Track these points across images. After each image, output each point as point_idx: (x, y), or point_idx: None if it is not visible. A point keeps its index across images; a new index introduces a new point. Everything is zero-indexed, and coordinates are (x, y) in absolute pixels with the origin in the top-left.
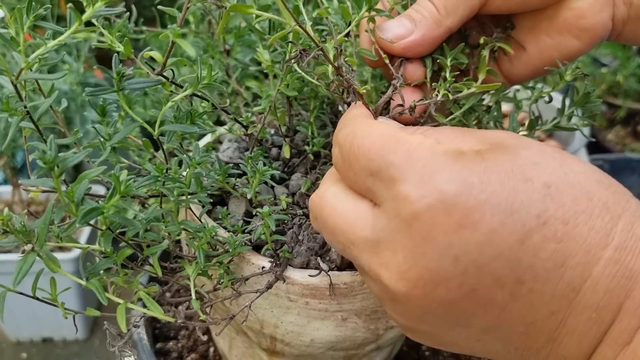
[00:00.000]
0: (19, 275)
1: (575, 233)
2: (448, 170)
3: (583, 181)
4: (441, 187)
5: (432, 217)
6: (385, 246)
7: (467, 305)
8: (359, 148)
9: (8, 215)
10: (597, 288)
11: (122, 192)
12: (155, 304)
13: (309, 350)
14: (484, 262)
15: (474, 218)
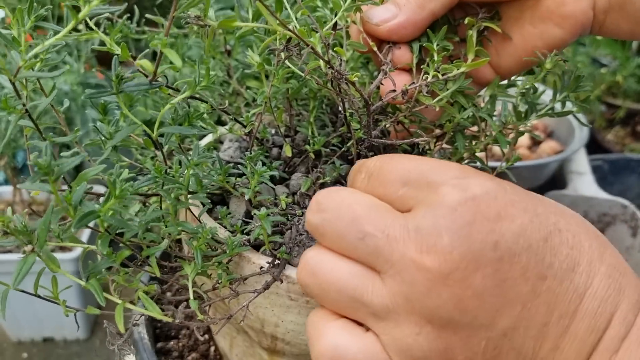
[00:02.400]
0: (19, 275)
1: (580, 245)
2: (483, 175)
3: (577, 217)
4: (482, 183)
5: (477, 205)
6: (428, 232)
7: (495, 298)
8: (393, 167)
9: (8, 217)
10: (596, 296)
11: (117, 196)
12: (153, 304)
13: (309, 349)
14: (517, 251)
15: (511, 212)
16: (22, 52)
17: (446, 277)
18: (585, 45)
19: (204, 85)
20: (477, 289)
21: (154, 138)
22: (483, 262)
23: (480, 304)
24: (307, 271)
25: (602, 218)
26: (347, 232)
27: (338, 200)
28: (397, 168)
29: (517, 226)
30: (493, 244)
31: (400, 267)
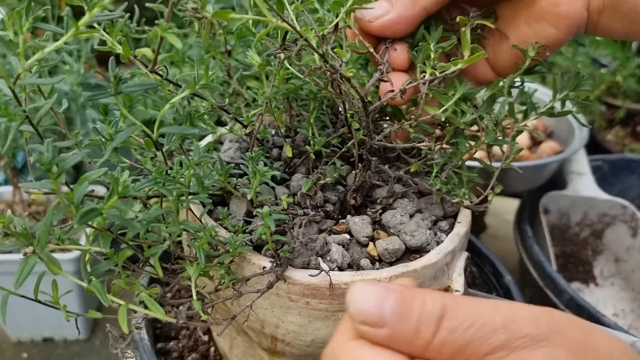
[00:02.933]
0: (20, 277)
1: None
2: None
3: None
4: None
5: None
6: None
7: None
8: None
9: (9, 218)
10: None
11: (120, 193)
12: (156, 304)
13: (309, 350)
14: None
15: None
16: (21, 58)
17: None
18: (585, 46)
19: (204, 83)
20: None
21: (154, 138)
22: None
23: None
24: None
25: (602, 218)
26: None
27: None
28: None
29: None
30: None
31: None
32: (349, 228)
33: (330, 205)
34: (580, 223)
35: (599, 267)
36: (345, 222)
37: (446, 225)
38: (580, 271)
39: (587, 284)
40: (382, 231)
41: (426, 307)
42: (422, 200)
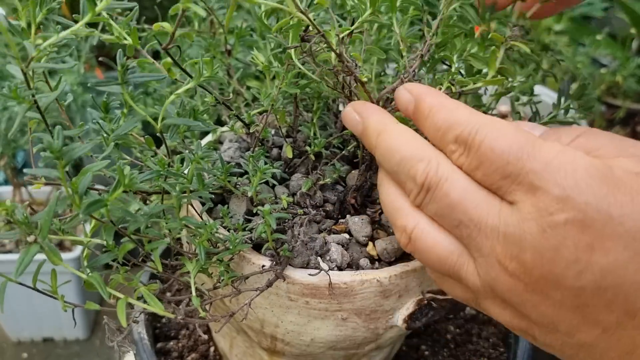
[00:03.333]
0: (21, 266)
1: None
2: (592, 191)
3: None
4: (582, 207)
5: (567, 230)
6: (514, 242)
7: (574, 317)
8: (492, 150)
9: (12, 205)
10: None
11: (126, 185)
12: (155, 299)
13: (309, 349)
14: (603, 285)
15: (606, 245)
16: (34, 42)
17: (526, 286)
18: (585, 46)
19: (208, 75)
20: (556, 303)
21: (157, 130)
22: (563, 285)
23: (559, 315)
24: (405, 239)
25: None
26: (444, 215)
27: (437, 180)
28: (497, 152)
29: (608, 262)
30: (576, 273)
31: (489, 262)
32: (348, 228)
33: (329, 205)
34: None
35: None
36: (344, 221)
37: None
38: None
39: None
40: (382, 231)
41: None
42: None
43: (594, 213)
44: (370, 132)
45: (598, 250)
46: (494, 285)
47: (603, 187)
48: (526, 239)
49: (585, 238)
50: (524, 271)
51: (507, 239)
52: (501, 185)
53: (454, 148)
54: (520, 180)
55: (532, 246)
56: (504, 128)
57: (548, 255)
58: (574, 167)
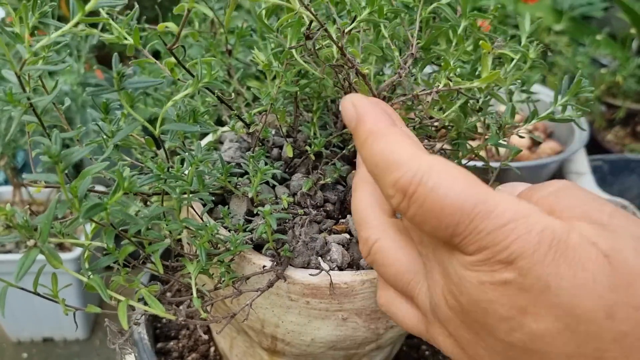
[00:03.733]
0: (21, 270)
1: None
2: (537, 257)
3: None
4: (524, 272)
5: (505, 289)
6: (454, 282)
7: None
8: (441, 209)
9: (11, 210)
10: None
11: (125, 188)
12: (156, 301)
13: (309, 349)
14: (531, 348)
15: (539, 312)
16: (27, 46)
17: (462, 323)
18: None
19: (207, 81)
20: (489, 347)
21: (156, 135)
22: (494, 335)
23: (491, 358)
24: (366, 250)
25: None
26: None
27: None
28: (450, 208)
29: (538, 328)
30: (508, 329)
31: (435, 288)
32: (349, 227)
33: (330, 205)
34: None
35: None
36: (345, 221)
37: None
38: None
39: None
40: None
41: None
42: None
43: (534, 280)
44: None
45: (530, 315)
46: (437, 312)
47: (549, 255)
48: (465, 285)
49: (521, 300)
50: (461, 310)
51: (448, 276)
52: (448, 240)
53: (392, 193)
54: (470, 239)
55: (469, 293)
56: (452, 179)
57: (482, 306)
58: (527, 229)
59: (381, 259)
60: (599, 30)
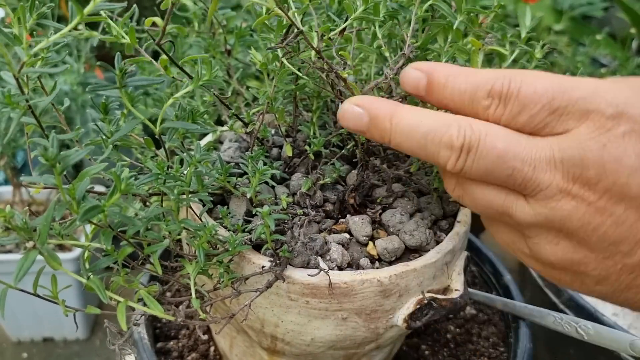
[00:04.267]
0: (20, 272)
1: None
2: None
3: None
4: (637, 119)
5: (626, 142)
6: (574, 164)
7: (637, 230)
8: (535, 91)
9: (10, 212)
10: None
11: (122, 190)
12: (155, 302)
13: (309, 349)
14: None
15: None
16: (26, 49)
17: (588, 206)
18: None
19: (207, 79)
20: (619, 219)
21: (156, 134)
22: (628, 195)
23: (620, 233)
24: (456, 193)
25: None
26: (494, 168)
27: (477, 137)
28: (539, 92)
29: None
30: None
31: (548, 193)
32: (348, 227)
33: (329, 204)
34: None
35: None
36: (345, 221)
37: (446, 225)
38: None
39: None
40: (382, 230)
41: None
42: (421, 199)
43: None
44: (381, 118)
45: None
46: (552, 216)
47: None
48: (587, 157)
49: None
50: (588, 188)
51: (566, 163)
52: (549, 121)
53: (488, 103)
54: (569, 109)
55: (594, 162)
56: (535, 73)
57: (611, 167)
58: (619, 87)
59: (470, 200)
60: (599, 30)
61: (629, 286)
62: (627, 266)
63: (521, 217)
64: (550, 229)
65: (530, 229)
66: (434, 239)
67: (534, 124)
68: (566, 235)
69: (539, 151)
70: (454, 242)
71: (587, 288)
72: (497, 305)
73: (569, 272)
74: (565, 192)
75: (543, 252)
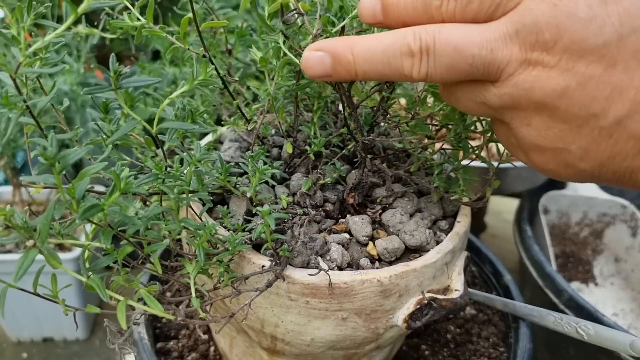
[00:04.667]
0: (20, 270)
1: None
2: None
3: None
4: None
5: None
6: (528, 31)
7: (603, 85)
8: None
9: (10, 210)
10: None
11: (122, 189)
12: (155, 301)
13: (309, 349)
14: (624, 33)
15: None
16: (22, 49)
17: (550, 69)
18: None
19: (202, 79)
20: (583, 77)
21: (153, 134)
22: (587, 49)
23: (588, 93)
24: (451, 101)
25: (601, 218)
26: (454, 63)
27: (431, 37)
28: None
29: (623, 8)
30: (596, 29)
31: (508, 70)
32: (348, 227)
33: (329, 204)
34: (579, 223)
35: (598, 267)
36: (345, 221)
37: (446, 225)
38: (580, 271)
39: (586, 283)
40: (382, 230)
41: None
42: (421, 199)
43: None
44: (342, 52)
45: (610, 2)
46: (516, 93)
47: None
48: (539, 20)
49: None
50: (547, 53)
51: (520, 33)
52: (499, 1)
53: (438, 3)
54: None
55: (547, 23)
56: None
57: (565, 24)
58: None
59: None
60: None
61: (612, 155)
62: (603, 130)
63: (493, 103)
64: (519, 109)
65: (504, 114)
66: (434, 239)
67: (485, 8)
68: (535, 110)
69: (493, 32)
70: (454, 242)
71: (574, 170)
72: (497, 306)
73: (549, 152)
74: (525, 62)
75: (521, 136)
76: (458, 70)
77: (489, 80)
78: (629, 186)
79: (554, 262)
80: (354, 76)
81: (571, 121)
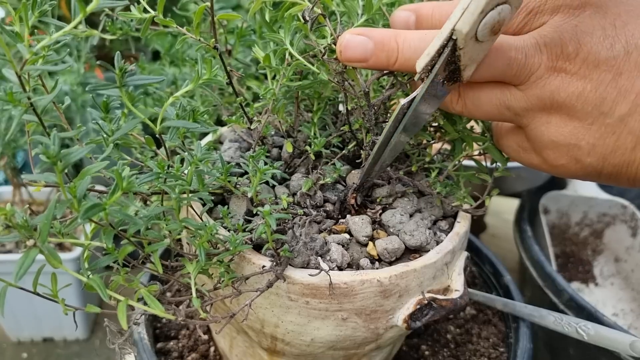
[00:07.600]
0: (20, 270)
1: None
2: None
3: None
4: (599, 1)
5: (593, 19)
6: (555, 44)
7: (612, 89)
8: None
9: (11, 209)
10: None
11: (124, 188)
12: (155, 301)
13: (309, 349)
14: (629, 49)
15: (624, 18)
16: (28, 46)
17: (572, 75)
18: None
19: (207, 78)
20: (596, 82)
21: (156, 132)
22: (600, 61)
23: (600, 94)
24: (458, 107)
25: (602, 218)
26: (493, 62)
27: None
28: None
29: (628, 30)
30: (609, 46)
31: (537, 74)
32: (348, 228)
33: (330, 205)
34: (580, 223)
35: (598, 267)
36: (345, 221)
37: (446, 225)
38: (580, 271)
39: (586, 283)
40: (382, 231)
41: None
42: (421, 199)
43: (609, 1)
44: (387, 39)
45: (623, 25)
46: (543, 94)
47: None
48: (564, 37)
49: (609, 17)
50: (569, 62)
51: (548, 45)
52: (527, 20)
53: None
54: (542, 8)
55: (570, 39)
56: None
57: (584, 40)
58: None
59: (471, 104)
60: None
61: (614, 149)
62: (609, 127)
63: (517, 105)
64: (542, 109)
65: (526, 116)
66: (434, 239)
67: (515, 25)
68: (556, 110)
69: (526, 41)
70: (454, 242)
71: (581, 165)
72: (497, 306)
73: (563, 148)
74: (552, 69)
75: (539, 134)
76: (494, 68)
77: (513, 83)
78: (625, 181)
79: (554, 262)
80: (392, 64)
81: (584, 119)
